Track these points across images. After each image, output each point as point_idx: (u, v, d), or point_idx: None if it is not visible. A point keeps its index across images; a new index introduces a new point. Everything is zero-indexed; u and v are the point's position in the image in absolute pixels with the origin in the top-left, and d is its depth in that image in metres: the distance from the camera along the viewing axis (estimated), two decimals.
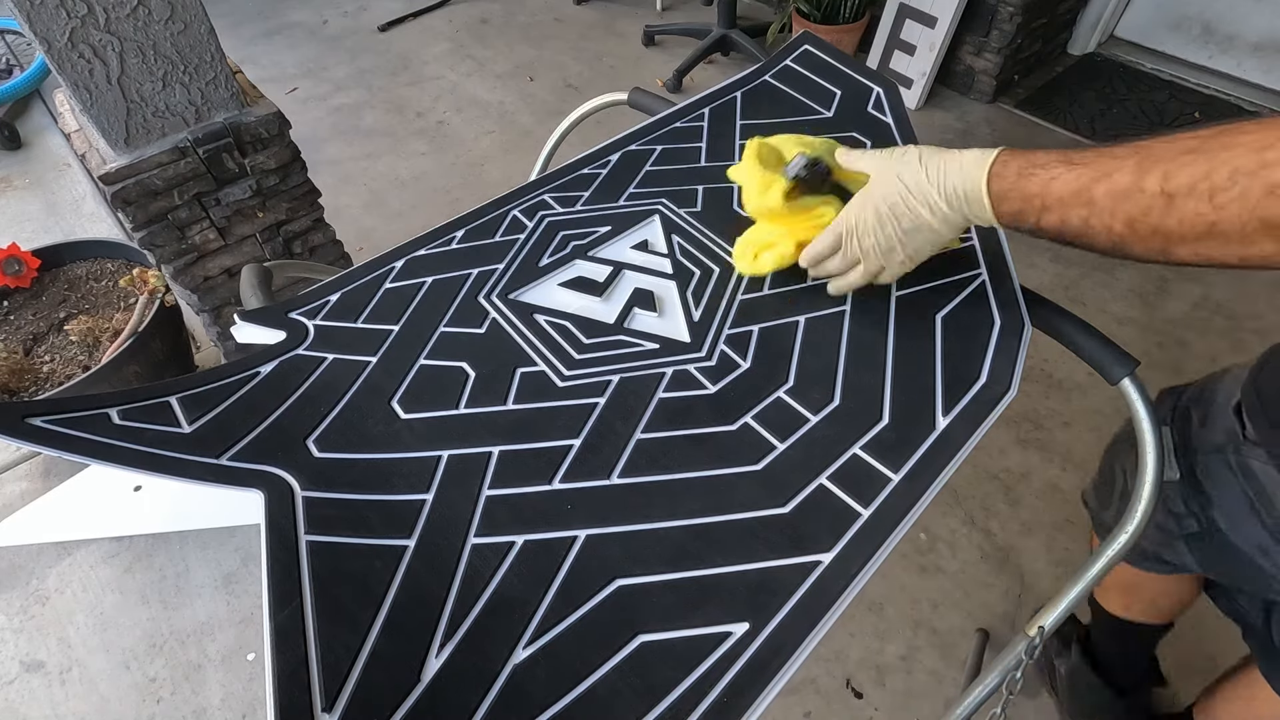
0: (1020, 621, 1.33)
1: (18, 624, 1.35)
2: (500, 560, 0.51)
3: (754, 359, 0.66)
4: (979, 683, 0.73)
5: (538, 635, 0.48)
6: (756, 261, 0.71)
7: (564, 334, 0.68)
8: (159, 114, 1.18)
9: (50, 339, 1.47)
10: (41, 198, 2.22)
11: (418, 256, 0.75)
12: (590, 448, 0.58)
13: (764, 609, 0.48)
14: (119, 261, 1.60)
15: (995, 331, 0.65)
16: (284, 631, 0.46)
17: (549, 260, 0.76)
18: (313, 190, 1.44)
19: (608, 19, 3.08)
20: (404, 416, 0.60)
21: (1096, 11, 2.59)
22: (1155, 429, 0.66)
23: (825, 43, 0.98)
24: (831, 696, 1.24)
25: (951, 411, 0.60)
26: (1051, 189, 0.51)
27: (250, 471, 0.55)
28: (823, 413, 0.61)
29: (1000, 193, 0.54)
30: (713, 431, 0.60)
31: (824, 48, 0.98)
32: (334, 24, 3.10)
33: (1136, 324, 1.83)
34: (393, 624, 0.48)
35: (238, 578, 1.41)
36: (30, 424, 0.53)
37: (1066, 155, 0.51)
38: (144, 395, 0.58)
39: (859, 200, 0.63)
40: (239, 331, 0.67)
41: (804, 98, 0.94)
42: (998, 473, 1.55)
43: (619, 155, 0.88)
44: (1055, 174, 0.51)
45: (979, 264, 0.72)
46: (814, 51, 0.98)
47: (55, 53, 1.04)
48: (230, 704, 1.26)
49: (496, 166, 2.37)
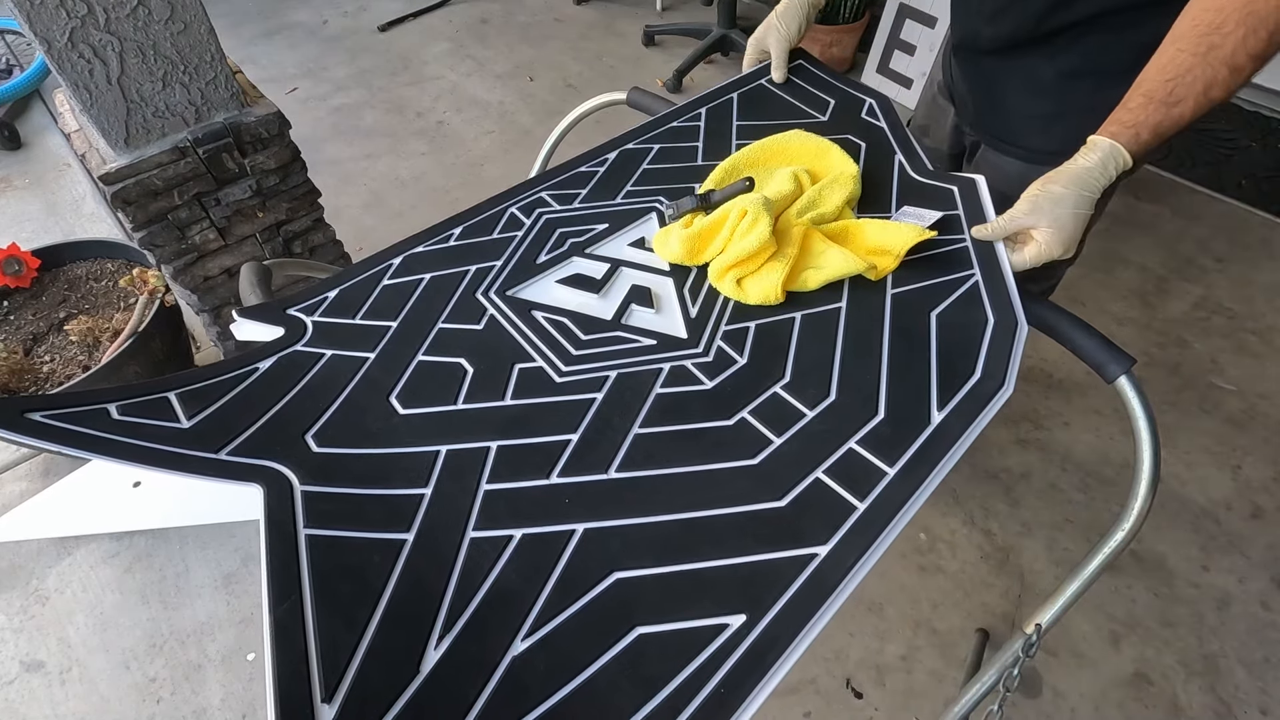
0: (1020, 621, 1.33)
1: (18, 624, 1.35)
2: (499, 554, 0.51)
3: (751, 355, 0.66)
4: (977, 680, 0.74)
5: (536, 627, 0.48)
6: (742, 290, 0.71)
7: (562, 330, 0.68)
8: (159, 114, 1.18)
9: (50, 339, 1.47)
10: (41, 198, 2.22)
11: (416, 253, 0.75)
12: (588, 443, 0.59)
13: (760, 601, 0.49)
14: (119, 261, 1.61)
15: (989, 329, 0.66)
16: (284, 625, 0.46)
17: (547, 257, 0.76)
18: (313, 190, 1.44)
19: (608, 19, 3.08)
20: (402, 412, 0.60)
21: None
22: (1152, 428, 0.67)
23: (819, 61, 1.00)
24: (831, 696, 1.24)
25: (946, 407, 0.60)
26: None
27: (249, 466, 0.55)
28: (819, 408, 0.61)
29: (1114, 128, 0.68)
30: (710, 426, 0.60)
31: (818, 65, 0.99)
32: (334, 24, 3.10)
33: (1136, 324, 1.84)
34: (391, 617, 0.48)
35: (238, 577, 1.41)
36: (29, 418, 0.53)
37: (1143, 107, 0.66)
38: (143, 391, 0.58)
39: None
40: (238, 328, 0.68)
41: (799, 102, 0.94)
42: (998, 472, 1.55)
43: (616, 154, 0.89)
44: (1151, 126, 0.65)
45: (972, 264, 0.72)
46: (809, 66, 0.99)
47: (55, 53, 1.04)
48: (230, 704, 1.26)
49: (496, 166, 2.37)
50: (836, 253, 0.71)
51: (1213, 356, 1.75)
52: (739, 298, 0.71)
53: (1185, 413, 1.64)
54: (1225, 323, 1.83)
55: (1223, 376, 1.71)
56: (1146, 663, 1.28)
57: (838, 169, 0.81)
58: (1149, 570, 1.40)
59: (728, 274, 0.71)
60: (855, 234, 0.75)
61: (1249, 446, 1.58)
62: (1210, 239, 2.04)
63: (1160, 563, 1.41)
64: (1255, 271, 1.95)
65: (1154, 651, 1.29)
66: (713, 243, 0.74)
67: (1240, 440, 1.59)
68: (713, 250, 0.74)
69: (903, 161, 0.85)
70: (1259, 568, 1.39)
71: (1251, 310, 1.86)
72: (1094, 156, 0.68)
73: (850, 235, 0.75)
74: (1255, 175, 2.18)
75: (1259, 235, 2.05)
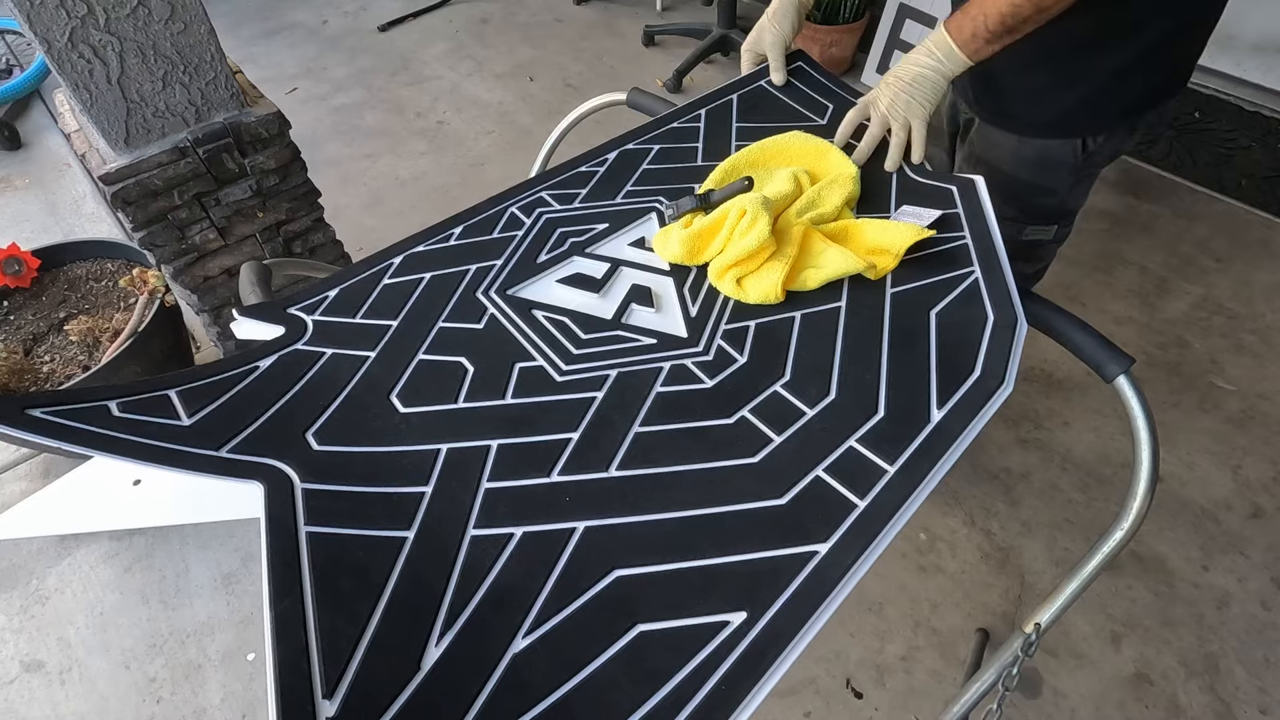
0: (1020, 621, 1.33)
1: (18, 624, 1.35)
2: (499, 551, 0.52)
3: (751, 354, 0.66)
4: (976, 679, 0.74)
5: (537, 625, 0.48)
6: (742, 290, 0.72)
7: (562, 329, 0.68)
8: (159, 114, 1.18)
9: (50, 339, 1.47)
10: (41, 198, 2.22)
11: (416, 253, 0.75)
12: (588, 441, 0.59)
13: (761, 598, 0.49)
14: (119, 261, 1.61)
15: (989, 327, 0.66)
16: (284, 621, 0.46)
17: (547, 257, 0.76)
18: (313, 190, 1.44)
19: (608, 19, 3.08)
20: (403, 410, 0.61)
21: None
22: (1151, 428, 0.67)
23: (818, 64, 1.00)
24: (831, 696, 1.24)
25: (946, 405, 0.60)
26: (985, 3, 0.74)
27: (250, 464, 0.55)
28: (819, 406, 0.61)
29: (955, 26, 0.78)
30: (710, 425, 0.60)
31: (816, 68, 0.99)
32: (334, 24, 3.10)
33: (1136, 323, 1.84)
34: (392, 614, 0.48)
35: (237, 577, 1.41)
36: (30, 415, 0.54)
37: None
38: (143, 388, 0.58)
39: (878, 86, 0.84)
40: (238, 327, 0.68)
41: (798, 105, 0.94)
42: (997, 472, 1.55)
43: (616, 154, 0.89)
44: None
45: (972, 262, 0.72)
46: (808, 69, 0.99)
47: (55, 53, 1.05)
48: (230, 704, 1.25)
49: (496, 166, 2.37)
50: (836, 252, 0.71)
51: (1212, 356, 1.75)
52: (739, 297, 0.71)
53: (1185, 413, 1.64)
54: (1225, 323, 1.83)
55: (1222, 376, 1.71)
56: (1146, 662, 1.28)
57: (837, 169, 0.81)
58: (1149, 570, 1.40)
59: (727, 273, 0.71)
60: (854, 234, 0.75)
61: (1249, 446, 1.58)
62: (1210, 239, 2.04)
63: (1160, 563, 1.41)
64: (1255, 271, 1.95)
65: (1154, 651, 1.29)
66: (712, 242, 0.74)
67: (1240, 440, 1.59)
68: (712, 250, 0.74)
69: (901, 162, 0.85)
70: (1259, 568, 1.39)
71: (1251, 310, 1.86)
72: (932, 60, 0.79)
73: (849, 235, 0.76)
74: (1255, 175, 2.18)
75: (1259, 235, 2.05)
